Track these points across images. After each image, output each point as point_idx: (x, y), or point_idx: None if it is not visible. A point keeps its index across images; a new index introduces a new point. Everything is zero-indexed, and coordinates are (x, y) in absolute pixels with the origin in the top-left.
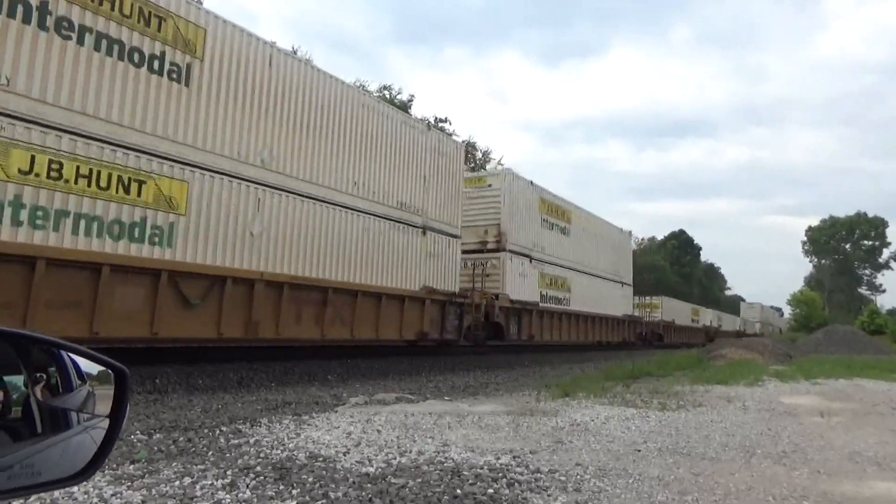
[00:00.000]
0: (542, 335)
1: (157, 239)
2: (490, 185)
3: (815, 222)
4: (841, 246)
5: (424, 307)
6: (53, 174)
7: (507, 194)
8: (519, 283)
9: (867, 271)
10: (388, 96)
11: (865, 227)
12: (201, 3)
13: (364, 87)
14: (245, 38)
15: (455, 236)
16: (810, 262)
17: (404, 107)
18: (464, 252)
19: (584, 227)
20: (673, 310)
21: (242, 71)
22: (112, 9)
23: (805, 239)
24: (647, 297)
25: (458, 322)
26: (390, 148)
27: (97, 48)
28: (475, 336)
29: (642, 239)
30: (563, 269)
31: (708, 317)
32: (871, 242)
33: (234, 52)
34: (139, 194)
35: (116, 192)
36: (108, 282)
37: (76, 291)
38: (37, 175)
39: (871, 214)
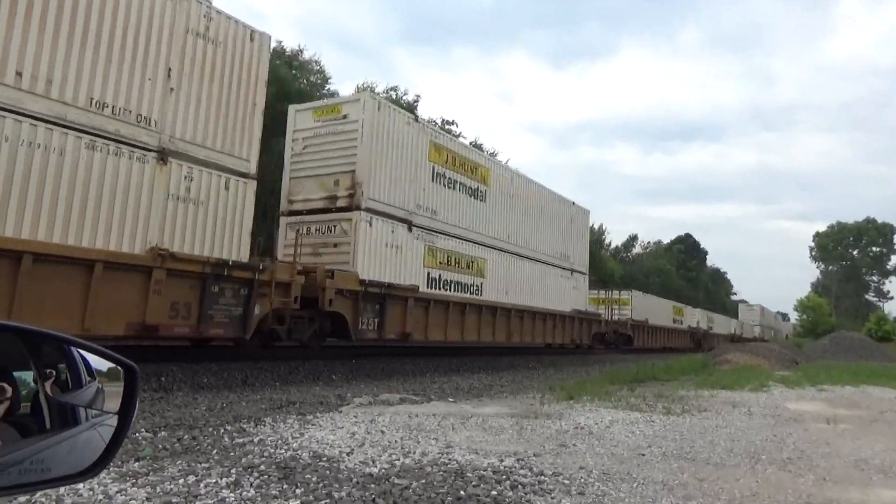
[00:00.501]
0: (426, 333)
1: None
2: (345, 117)
3: (822, 228)
4: (848, 252)
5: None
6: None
7: (370, 129)
8: (385, 259)
9: (875, 278)
10: (394, 97)
11: (873, 234)
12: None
13: (371, 88)
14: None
15: (239, 173)
16: (817, 267)
17: (410, 108)
18: (305, 212)
19: (512, 194)
20: (647, 307)
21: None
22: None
23: (812, 244)
24: (614, 292)
25: (243, 310)
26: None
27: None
28: (286, 333)
29: (648, 242)
30: (473, 246)
31: (695, 317)
32: (878, 249)
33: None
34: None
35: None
36: None
37: None
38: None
39: (880, 220)
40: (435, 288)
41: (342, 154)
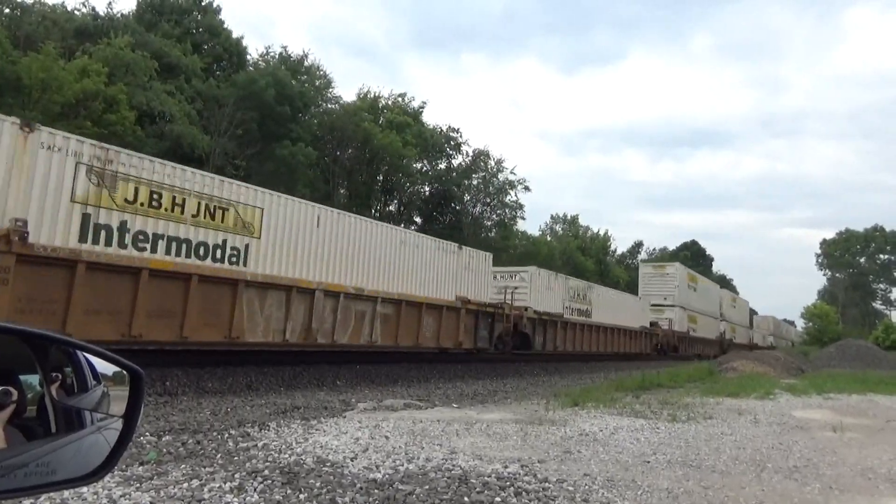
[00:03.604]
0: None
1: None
2: None
3: (830, 235)
4: (856, 260)
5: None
6: None
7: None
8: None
9: (882, 286)
10: (400, 103)
11: (881, 241)
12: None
13: (377, 96)
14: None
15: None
16: (824, 275)
17: (416, 115)
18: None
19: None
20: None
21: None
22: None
23: (819, 252)
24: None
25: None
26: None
27: None
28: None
29: (654, 249)
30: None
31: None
32: (886, 257)
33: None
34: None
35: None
36: None
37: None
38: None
39: (888, 228)
40: (569, 314)
41: None
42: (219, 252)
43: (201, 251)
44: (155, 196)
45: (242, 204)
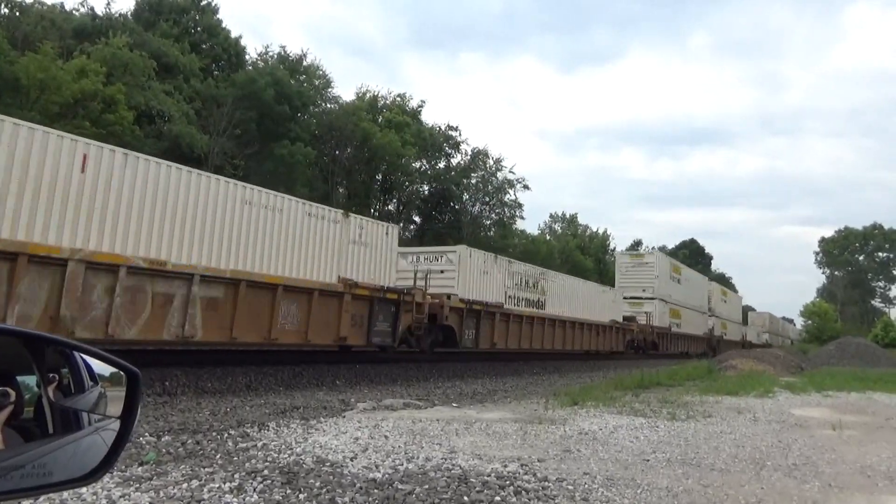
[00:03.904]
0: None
1: None
2: None
3: (830, 233)
4: (854, 258)
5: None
6: None
7: None
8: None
9: (881, 283)
10: (399, 102)
11: (880, 239)
12: None
13: (376, 95)
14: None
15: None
16: (823, 273)
17: (415, 114)
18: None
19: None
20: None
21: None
22: None
23: (818, 250)
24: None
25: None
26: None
27: None
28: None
29: (652, 248)
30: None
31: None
32: (885, 254)
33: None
34: None
35: None
36: None
37: None
38: None
39: (887, 226)
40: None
41: None
42: None
43: None
44: None
45: None
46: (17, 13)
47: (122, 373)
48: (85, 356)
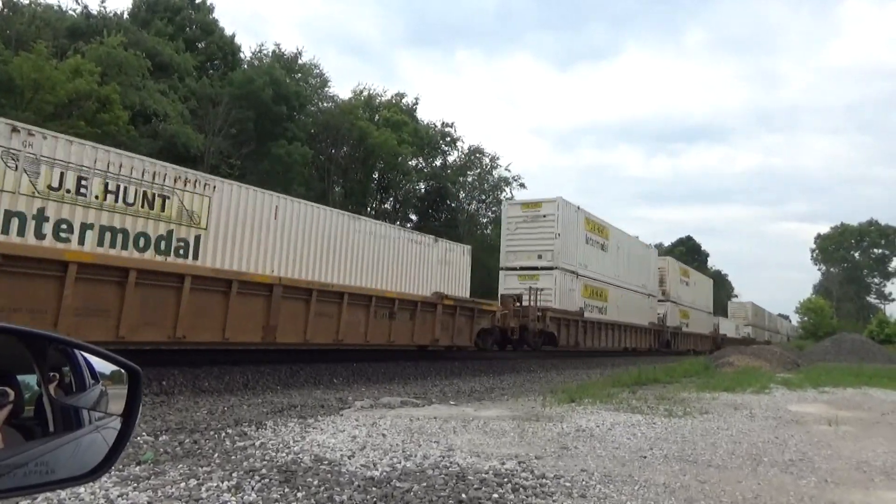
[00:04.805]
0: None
1: None
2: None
3: (826, 230)
4: (850, 254)
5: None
6: None
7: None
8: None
9: (876, 280)
10: (396, 101)
11: (875, 236)
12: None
13: (371, 94)
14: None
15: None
16: (819, 269)
17: (411, 111)
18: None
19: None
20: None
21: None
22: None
23: (814, 246)
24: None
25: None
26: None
27: None
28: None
29: (648, 245)
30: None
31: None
32: (880, 251)
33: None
34: None
35: None
36: None
37: None
38: None
39: (884, 222)
40: (588, 312)
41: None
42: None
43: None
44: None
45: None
46: (10, 12)
47: (122, 371)
48: (86, 354)
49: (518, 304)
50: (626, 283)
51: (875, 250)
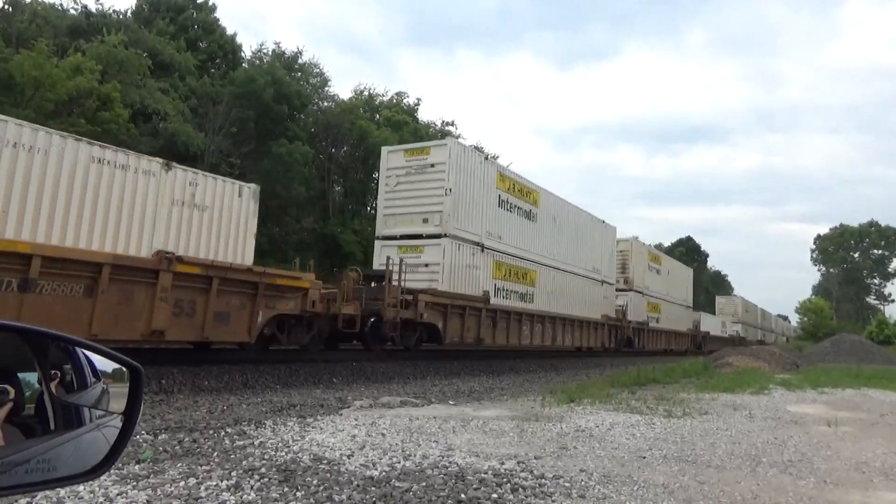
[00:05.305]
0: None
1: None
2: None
3: (825, 230)
4: (849, 255)
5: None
6: None
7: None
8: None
9: (876, 281)
10: (395, 101)
11: (875, 237)
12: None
13: (372, 94)
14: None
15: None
16: (818, 270)
17: (412, 111)
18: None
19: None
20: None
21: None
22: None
23: (814, 247)
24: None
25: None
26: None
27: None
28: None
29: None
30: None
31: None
32: (880, 252)
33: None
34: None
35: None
36: None
37: None
38: None
39: (884, 223)
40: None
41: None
42: None
43: None
44: None
45: None
46: (11, 10)
47: (124, 369)
48: (87, 352)
49: (368, 282)
50: (567, 264)
51: (875, 251)
